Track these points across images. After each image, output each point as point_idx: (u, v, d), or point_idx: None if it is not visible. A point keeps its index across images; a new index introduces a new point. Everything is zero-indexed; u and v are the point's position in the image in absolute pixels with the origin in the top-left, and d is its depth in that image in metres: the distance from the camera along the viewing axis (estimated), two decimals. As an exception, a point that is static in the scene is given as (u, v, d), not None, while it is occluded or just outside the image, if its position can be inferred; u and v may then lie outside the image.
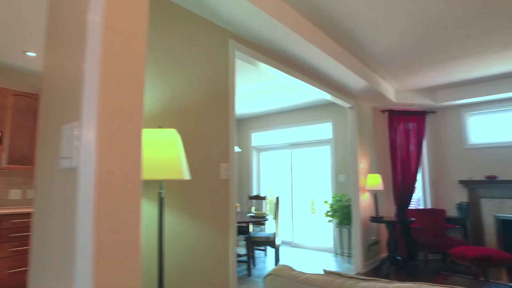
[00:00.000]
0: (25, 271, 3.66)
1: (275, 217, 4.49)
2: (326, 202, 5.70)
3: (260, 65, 3.08)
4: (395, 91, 5.16)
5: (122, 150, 0.87)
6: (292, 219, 6.43)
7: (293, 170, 6.56)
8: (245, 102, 5.94)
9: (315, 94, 5.38)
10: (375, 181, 4.72)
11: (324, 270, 1.22)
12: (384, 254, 5.25)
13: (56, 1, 1.19)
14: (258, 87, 5.00)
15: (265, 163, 7.16)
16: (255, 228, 5.91)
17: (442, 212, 5.11)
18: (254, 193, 7.05)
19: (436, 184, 5.48)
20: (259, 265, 4.94)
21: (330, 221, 5.56)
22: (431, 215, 5.11)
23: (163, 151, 1.36)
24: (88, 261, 0.79)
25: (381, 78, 4.66)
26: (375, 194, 4.96)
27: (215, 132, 2.45)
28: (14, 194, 4.19)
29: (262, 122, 6.98)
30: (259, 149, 7.24)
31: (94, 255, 0.79)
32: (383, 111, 5.55)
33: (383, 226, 5.30)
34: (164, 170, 1.34)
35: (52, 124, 1.08)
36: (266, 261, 5.20)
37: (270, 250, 5.93)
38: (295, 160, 6.57)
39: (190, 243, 2.16)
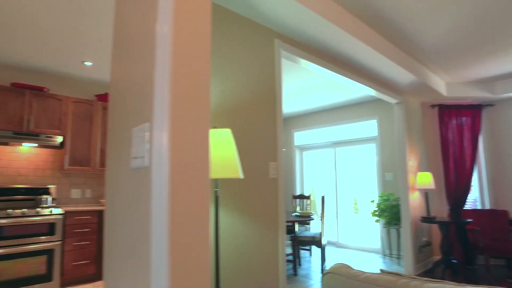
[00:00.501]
0: (87, 264, 3.94)
1: (321, 216, 4.43)
2: (372, 201, 5.52)
3: (304, 63, 3.07)
4: (446, 85, 4.87)
5: (192, 149, 0.91)
6: (336, 218, 6.31)
7: (337, 169, 6.44)
8: (287, 101, 5.93)
9: (359, 90, 5.24)
10: (425, 179, 4.50)
11: (381, 270, 1.19)
12: (437, 257, 4.98)
13: (121, 16, 1.28)
14: (300, 85, 4.97)
15: (308, 162, 7.09)
16: (299, 228, 5.88)
17: (504, 213, 4.73)
18: (297, 192, 7.02)
19: (495, 183, 5.09)
20: (304, 264, 4.91)
21: (377, 221, 5.39)
22: (491, 216, 4.76)
23: (220, 151, 1.41)
24: (163, 257, 0.84)
25: (431, 71, 4.42)
26: (426, 193, 4.72)
27: (263, 131, 2.48)
28: (75, 193, 4.53)
29: (304, 121, 6.93)
30: (302, 148, 7.19)
31: (169, 251, 0.84)
32: (433, 106, 5.26)
33: (435, 227, 5.03)
34: (222, 169, 1.39)
35: (122, 127, 1.16)
36: (311, 261, 5.15)
37: (315, 250, 5.87)
38: (339, 159, 6.44)
39: (240, 241, 2.21)
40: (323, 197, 4.51)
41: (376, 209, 5.35)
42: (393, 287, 1.00)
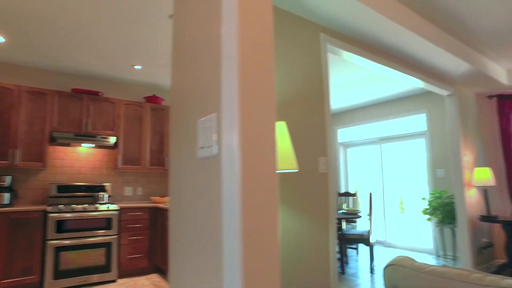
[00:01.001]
0: (140, 257, 4.15)
1: (369, 214, 4.31)
2: (424, 198, 5.26)
3: (349, 56, 3.00)
4: (507, 72, 4.51)
5: (261, 137, 0.93)
6: (384, 217, 6.09)
7: (383, 166, 6.21)
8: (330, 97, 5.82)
9: (407, 83, 5.01)
10: (484, 175, 4.20)
11: (445, 266, 1.13)
12: (501, 260, 4.62)
13: (181, 22, 1.34)
14: (344, 80, 4.86)
15: (352, 160, 6.92)
16: (346, 226, 5.75)
17: None
18: (342, 190, 6.87)
19: None
20: (351, 263, 4.79)
21: (429, 219, 5.12)
22: (560, 214, 4.33)
23: (278, 143, 1.42)
24: (236, 247, 0.86)
25: (489, 58, 4.12)
26: (484, 190, 4.40)
27: (311, 126, 2.46)
28: (128, 190, 4.79)
29: (348, 117, 6.76)
30: (346, 145, 7.02)
31: (242, 242, 0.86)
32: (490, 96, 4.89)
33: (497, 227, 4.67)
34: (280, 162, 1.40)
35: (186, 120, 1.22)
36: (358, 259, 5.02)
37: (362, 249, 5.70)
38: (385, 155, 6.21)
39: (292, 236, 2.21)
40: (370, 194, 4.38)
41: (428, 207, 5.09)
42: (466, 280, 0.94)
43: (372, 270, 4.28)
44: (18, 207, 3.63)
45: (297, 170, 2.07)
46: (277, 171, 1.62)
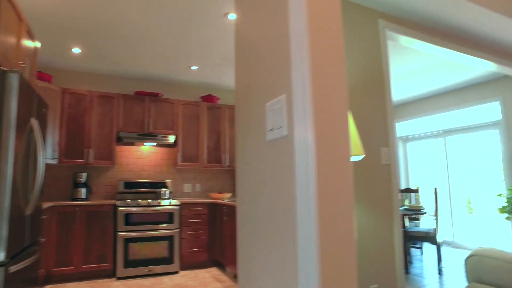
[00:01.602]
0: (200, 251, 4.31)
1: (435, 211, 4.01)
2: (500, 195, 4.77)
3: (411, 42, 2.82)
4: None
5: (334, 116, 0.91)
6: (451, 215, 5.64)
7: (449, 160, 5.75)
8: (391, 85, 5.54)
9: (476, 67, 4.58)
10: None
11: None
12: None
13: (243, 22, 1.36)
14: (402, 70, 4.59)
15: (412, 155, 6.51)
16: (408, 223, 5.43)
17: None
18: (402, 186, 6.50)
19: None
20: (416, 263, 4.51)
21: (508, 218, 4.63)
22: None
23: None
24: (311, 229, 0.84)
25: None
26: None
27: (372, 115, 2.36)
28: (187, 187, 5.01)
29: (407, 110, 6.38)
30: (405, 140, 6.64)
31: (318, 226, 0.84)
32: None
33: None
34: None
35: (252, 105, 1.23)
36: (423, 259, 4.71)
37: (427, 249, 5.34)
38: (451, 149, 5.75)
39: (357, 228, 2.13)
40: (436, 189, 4.08)
41: (506, 204, 4.61)
42: None
43: (440, 271, 3.98)
44: (92, 201, 3.97)
45: (363, 156, 1.99)
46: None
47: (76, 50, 3.93)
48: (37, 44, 2.95)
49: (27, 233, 2.27)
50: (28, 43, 2.67)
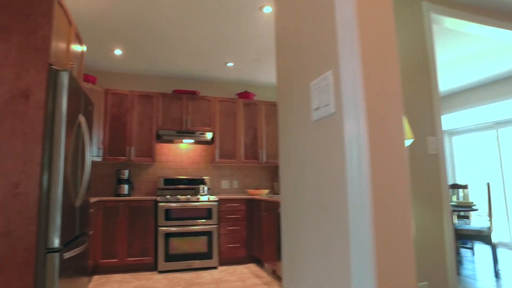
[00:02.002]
0: (238, 247, 4.32)
1: (488, 208, 3.72)
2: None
3: (459, 25, 2.63)
4: None
5: (385, 90, 0.85)
6: (507, 215, 5.23)
7: (502, 154, 5.33)
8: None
9: (531, 54, 4.20)
10: None
11: None
12: None
13: (282, 3, 1.32)
14: (447, 59, 4.32)
15: (459, 149, 6.12)
16: (457, 221, 5.10)
17: None
18: (449, 182, 6.13)
19: None
20: (466, 264, 4.22)
21: None
22: None
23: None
24: (365, 214, 0.79)
25: None
26: None
27: (416, 104, 2.22)
28: (225, 183, 5.05)
29: (452, 101, 6.01)
30: (450, 133, 6.26)
31: (372, 213, 0.78)
32: None
33: None
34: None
35: (294, 87, 1.19)
36: (474, 261, 4.39)
37: (479, 249, 4.99)
38: (504, 142, 5.33)
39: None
40: (488, 185, 3.78)
41: None
42: None
43: (497, 274, 3.68)
44: (134, 197, 4.11)
45: (412, 140, 1.89)
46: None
47: (117, 52, 4.10)
48: (84, 48, 3.10)
49: (77, 223, 2.38)
50: (76, 46, 2.81)
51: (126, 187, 4.31)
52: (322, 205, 0.98)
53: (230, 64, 4.51)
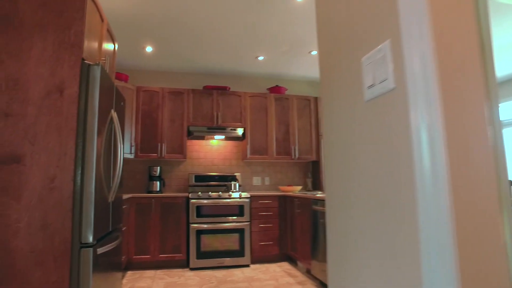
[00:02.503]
0: (270, 245, 4.21)
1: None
2: None
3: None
4: None
5: (460, 52, 0.71)
6: None
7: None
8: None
9: None
10: None
11: None
12: None
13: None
14: (502, 42, 3.96)
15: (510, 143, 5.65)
16: None
17: None
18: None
19: None
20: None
21: None
22: None
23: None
24: (441, 215, 0.64)
25: None
26: None
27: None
28: (256, 180, 4.95)
29: (504, 89, 5.55)
30: (504, 125, 5.79)
31: (450, 203, 0.64)
32: None
33: None
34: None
35: (342, 64, 1.06)
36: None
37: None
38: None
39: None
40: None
41: None
42: None
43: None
44: (166, 194, 4.11)
45: None
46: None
47: (148, 49, 4.10)
48: (116, 45, 3.10)
49: (110, 219, 2.37)
50: (108, 43, 2.80)
51: (158, 184, 4.32)
52: (380, 201, 0.84)
53: (261, 58, 4.40)
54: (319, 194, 3.53)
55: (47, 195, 1.91)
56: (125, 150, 4.14)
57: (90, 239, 1.95)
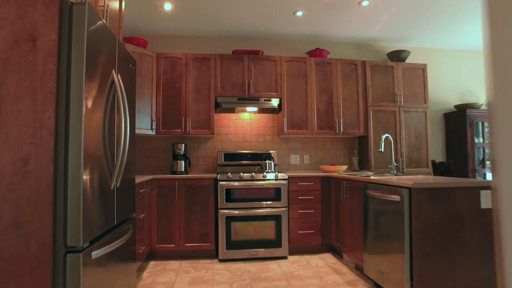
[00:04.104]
0: (312, 234, 3.62)
1: None
2: None
3: None
4: None
5: None
6: None
7: None
8: None
9: None
10: None
11: None
12: None
13: None
14: None
15: None
16: None
17: None
18: None
19: None
20: None
21: None
22: None
23: None
24: None
25: None
26: None
27: None
28: (294, 159, 4.32)
29: None
30: None
31: None
32: None
33: None
34: None
35: None
36: None
37: None
38: None
39: None
40: None
41: None
42: None
43: None
44: (191, 175, 3.60)
45: None
46: None
47: (167, 7, 3.49)
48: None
49: (114, 210, 1.85)
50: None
51: (182, 163, 3.81)
52: None
53: (299, 14, 3.64)
54: (372, 176, 2.84)
55: (19, 183, 1.40)
56: (145, 125, 3.64)
57: (80, 241, 1.44)
